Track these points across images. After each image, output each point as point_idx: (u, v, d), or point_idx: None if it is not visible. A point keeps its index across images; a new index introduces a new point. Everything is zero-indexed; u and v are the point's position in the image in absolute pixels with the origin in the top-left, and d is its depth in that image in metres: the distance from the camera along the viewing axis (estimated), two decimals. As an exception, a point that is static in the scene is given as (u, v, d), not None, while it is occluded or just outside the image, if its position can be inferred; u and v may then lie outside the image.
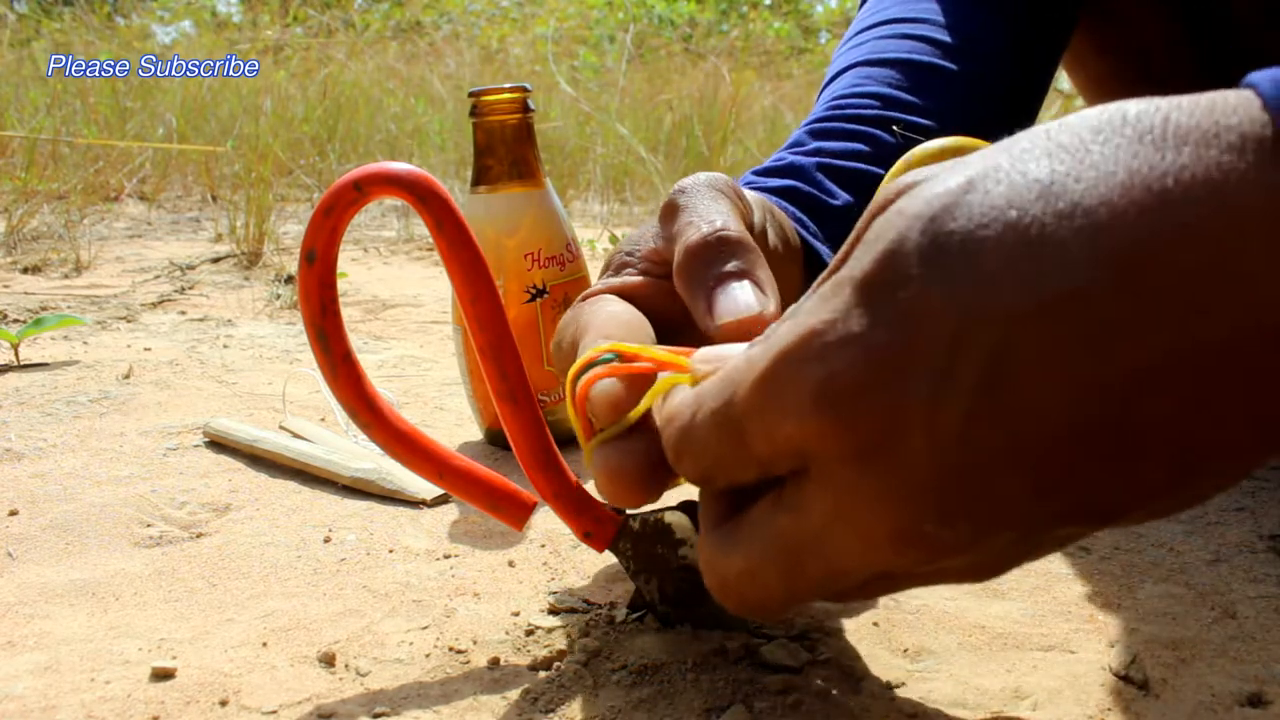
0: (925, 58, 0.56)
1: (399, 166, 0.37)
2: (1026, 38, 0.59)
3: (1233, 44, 0.73)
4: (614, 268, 0.41)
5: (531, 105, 0.63)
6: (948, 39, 0.57)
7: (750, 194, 0.42)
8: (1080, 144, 0.22)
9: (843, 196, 0.50)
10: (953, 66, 0.56)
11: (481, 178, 0.63)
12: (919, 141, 0.53)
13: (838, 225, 0.49)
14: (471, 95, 0.63)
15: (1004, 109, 0.59)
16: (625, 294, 0.39)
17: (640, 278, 0.40)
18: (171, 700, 0.37)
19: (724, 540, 0.28)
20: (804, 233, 0.47)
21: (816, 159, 0.51)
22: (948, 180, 0.23)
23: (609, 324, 0.36)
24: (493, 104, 0.62)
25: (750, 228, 0.40)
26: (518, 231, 0.62)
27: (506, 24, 4.74)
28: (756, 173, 0.52)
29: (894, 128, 0.53)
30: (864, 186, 0.51)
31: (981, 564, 0.25)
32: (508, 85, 0.62)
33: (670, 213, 0.38)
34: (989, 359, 0.21)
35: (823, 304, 0.24)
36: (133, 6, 4.32)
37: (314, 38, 3.38)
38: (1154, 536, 0.50)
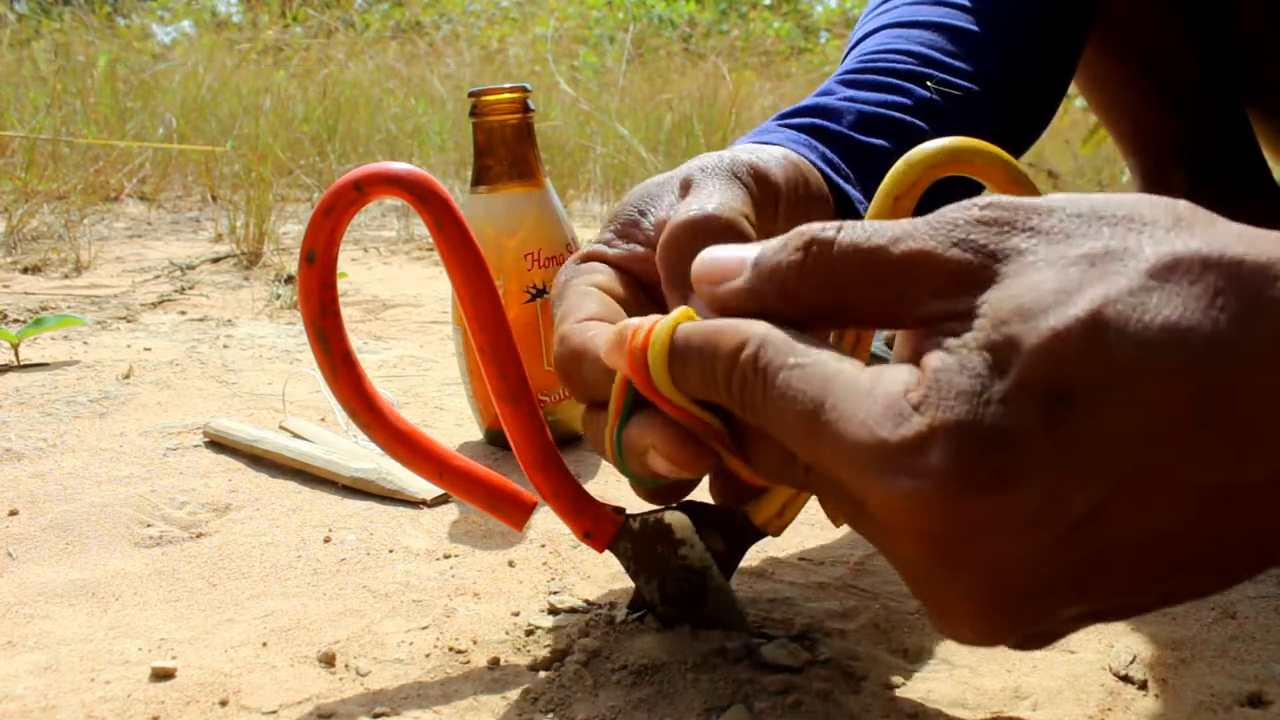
0: (958, 22, 0.56)
1: (399, 166, 0.37)
2: (1057, 7, 0.59)
3: (1235, 43, 0.73)
4: (618, 225, 0.40)
5: (531, 105, 0.63)
6: (979, 6, 0.57)
7: (773, 158, 0.41)
8: (1205, 296, 0.22)
9: (876, 141, 0.49)
10: (983, 32, 0.56)
11: (481, 178, 0.63)
12: (954, 97, 0.52)
13: (870, 165, 0.48)
14: (471, 95, 0.63)
15: (1034, 79, 0.59)
16: (623, 266, 0.39)
17: (642, 249, 0.39)
18: (171, 700, 0.37)
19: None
20: (835, 177, 0.46)
21: (851, 104, 0.50)
22: (1078, 305, 0.22)
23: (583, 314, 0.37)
24: (493, 104, 0.62)
25: (770, 204, 0.40)
26: (518, 231, 0.62)
27: (506, 24, 4.74)
28: (784, 114, 0.50)
29: (928, 83, 0.52)
30: (901, 134, 0.50)
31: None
32: (508, 85, 0.62)
33: (685, 188, 0.38)
34: (1110, 490, 0.22)
35: (962, 400, 0.23)
36: (133, 6, 4.32)
37: (314, 38, 3.38)
38: (1154, 536, 0.50)
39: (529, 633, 0.42)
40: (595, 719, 0.35)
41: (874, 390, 0.24)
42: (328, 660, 0.40)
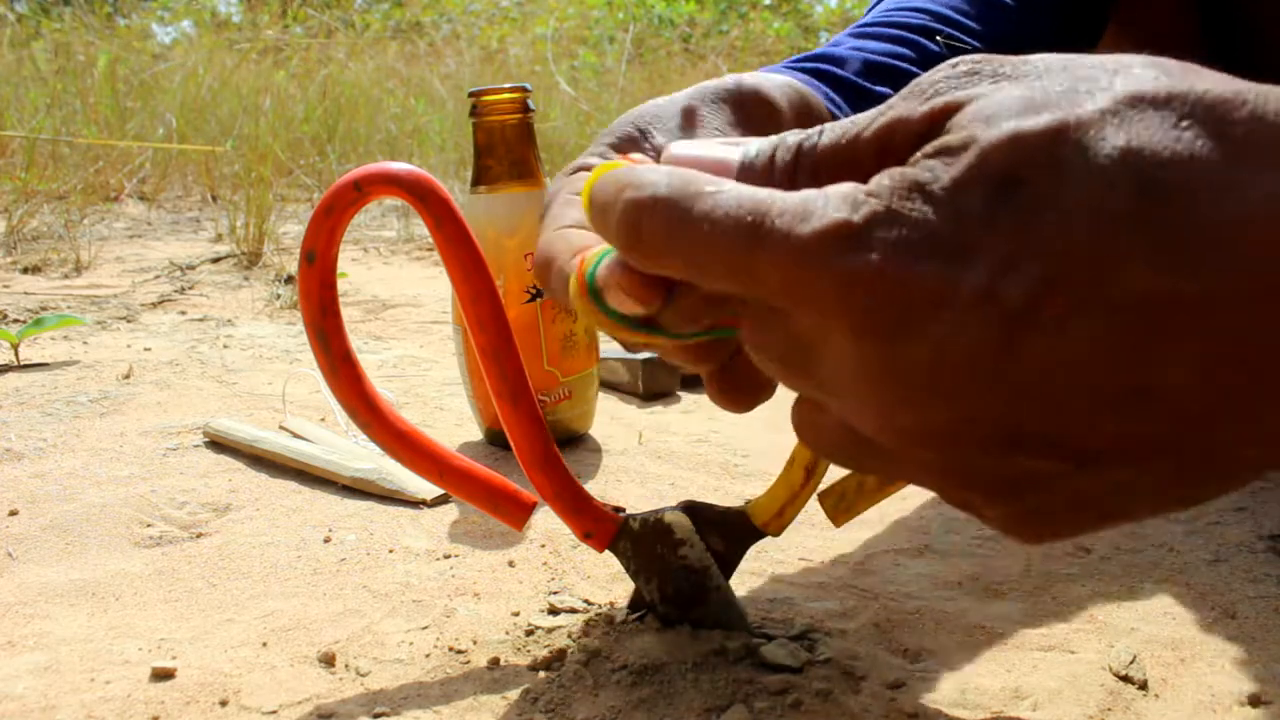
0: None
1: (399, 166, 0.37)
2: None
3: (1250, 38, 0.73)
4: (615, 140, 0.38)
5: (531, 105, 0.63)
6: None
7: (776, 85, 0.41)
8: (1167, 122, 0.22)
9: (881, 89, 0.49)
10: (1009, 2, 0.56)
11: (481, 178, 0.63)
12: (964, 54, 0.53)
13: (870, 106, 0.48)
14: (471, 95, 0.63)
15: (1053, 50, 0.59)
16: None
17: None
18: (171, 700, 0.37)
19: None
20: (836, 112, 0.46)
21: (858, 54, 0.50)
22: (1042, 116, 0.22)
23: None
24: (493, 104, 0.62)
25: (772, 128, 0.39)
26: (518, 231, 0.62)
27: (506, 24, 4.74)
28: (793, 59, 0.50)
29: (937, 38, 0.52)
30: (905, 84, 0.50)
31: (950, 472, 0.25)
32: (508, 85, 0.62)
33: (688, 118, 0.38)
34: (1046, 284, 0.22)
35: (890, 194, 0.23)
36: (133, 6, 4.32)
37: (314, 38, 3.38)
38: (1154, 537, 0.50)
39: (529, 633, 0.42)
40: (595, 719, 0.35)
41: (823, 193, 0.24)
42: (328, 660, 0.40)
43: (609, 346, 0.81)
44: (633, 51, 3.51)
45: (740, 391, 0.35)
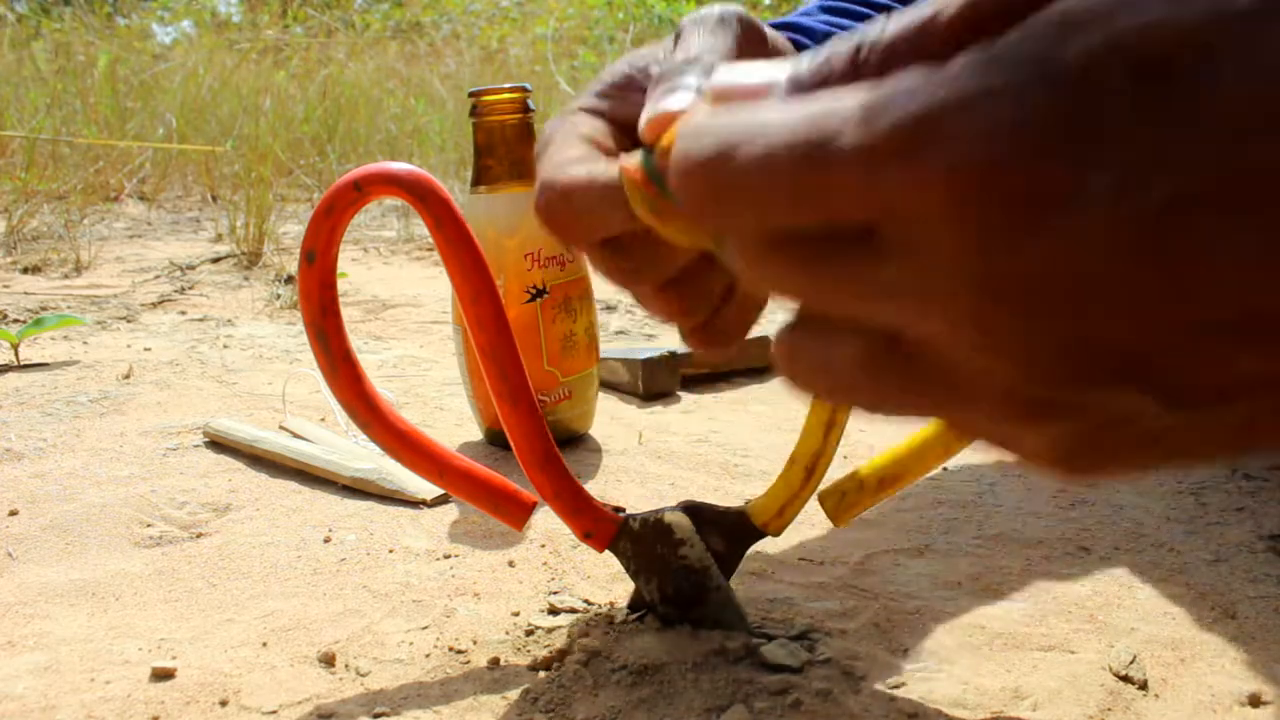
0: None
1: (399, 166, 0.37)
2: None
3: None
4: (606, 85, 0.37)
5: (531, 105, 0.63)
6: None
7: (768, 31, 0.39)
8: None
9: None
10: None
11: (481, 178, 0.63)
12: None
13: None
14: (471, 95, 0.63)
15: None
16: (615, 117, 0.36)
17: (637, 99, 0.35)
18: (171, 700, 0.37)
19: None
20: None
21: (828, 27, 0.49)
22: (1194, 6, 0.19)
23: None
24: (493, 104, 0.62)
25: (757, 43, 0.36)
26: (518, 231, 0.62)
27: (506, 24, 4.74)
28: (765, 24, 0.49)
29: None
30: None
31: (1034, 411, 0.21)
32: (508, 85, 0.62)
33: (676, 40, 0.35)
34: (1175, 196, 0.18)
35: (994, 69, 0.19)
36: (133, 6, 4.33)
37: (314, 38, 3.38)
38: (1154, 536, 0.50)
39: (529, 633, 0.42)
40: (595, 719, 0.35)
41: (887, 84, 0.20)
42: (328, 660, 0.40)
43: (609, 346, 0.81)
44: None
45: (723, 334, 0.33)
